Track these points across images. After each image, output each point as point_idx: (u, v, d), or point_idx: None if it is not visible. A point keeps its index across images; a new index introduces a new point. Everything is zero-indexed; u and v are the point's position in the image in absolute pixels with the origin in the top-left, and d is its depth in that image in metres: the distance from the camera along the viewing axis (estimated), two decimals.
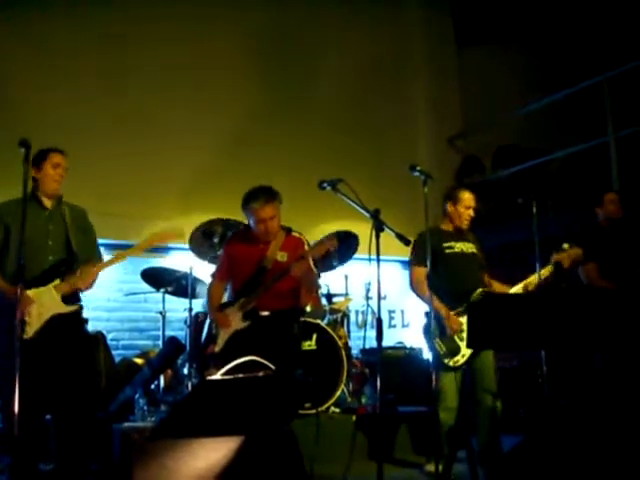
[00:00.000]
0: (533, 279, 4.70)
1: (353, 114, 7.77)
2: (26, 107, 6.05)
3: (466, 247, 4.84)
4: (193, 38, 7.02)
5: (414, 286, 4.82)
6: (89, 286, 4.08)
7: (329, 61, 7.85)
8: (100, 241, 4.35)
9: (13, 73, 6.18)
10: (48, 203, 4.10)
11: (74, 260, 4.05)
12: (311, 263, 4.52)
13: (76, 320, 4.09)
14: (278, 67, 7.54)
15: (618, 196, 5.31)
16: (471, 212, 4.87)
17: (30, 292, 3.84)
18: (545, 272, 4.69)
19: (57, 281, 3.98)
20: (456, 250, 4.80)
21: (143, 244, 4.21)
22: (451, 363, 4.60)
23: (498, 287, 4.86)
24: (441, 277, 4.67)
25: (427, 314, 4.65)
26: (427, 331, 4.64)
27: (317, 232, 4.82)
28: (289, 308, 4.50)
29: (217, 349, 4.42)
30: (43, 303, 3.89)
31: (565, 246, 4.71)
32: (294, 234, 4.57)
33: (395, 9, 8.44)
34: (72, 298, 4.04)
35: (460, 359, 4.60)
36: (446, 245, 4.80)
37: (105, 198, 6.06)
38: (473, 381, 4.66)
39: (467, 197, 4.86)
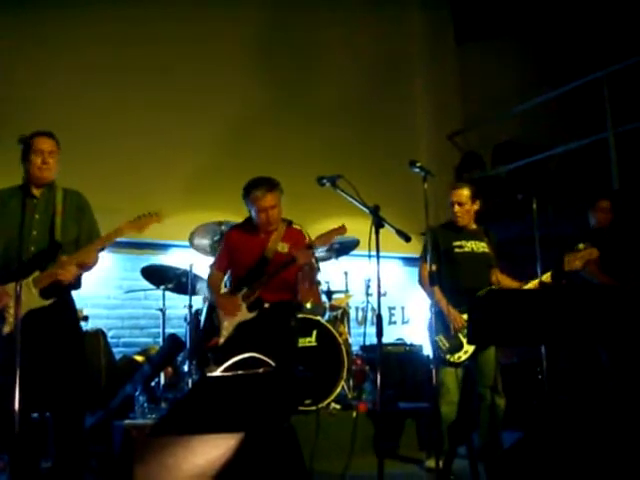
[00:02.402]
0: (536, 283, 4.69)
1: (352, 111, 7.77)
2: (28, 104, 6.04)
3: (477, 246, 4.82)
4: (195, 36, 7.02)
5: (420, 282, 4.84)
6: (71, 277, 3.80)
7: (329, 58, 7.84)
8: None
9: (14, 69, 6.18)
10: (37, 192, 3.90)
11: (57, 250, 3.82)
12: (312, 259, 4.54)
13: (57, 311, 3.82)
14: (279, 65, 7.53)
15: (610, 203, 5.31)
16: (459, 208, 4.78)
17: (8, 286, 3.66)
18: (546, 278, 4.68)
19: (36, 273, 3.77)
20: (466, 249, 4.79)
21: (117, 232, 3.93)
22: (453, 359, 4.60)
23: (507, 283, 4.85)
24: (448, 276, 4.68)
25: (431, 310, 4.65)
26: (431, 327, 4.63)
27: (317, 229, 4.79)
28: (287, 301, 4.52)
29: (222, 340, 4.42)
30: (19, 297, 3.59)
31: (580, 246, 4.68)
32: (295, 226, 4.60)
33: (394, 6, 8.42)
34: (52, 291, 3.79)
35: (462, 355, 4.60)
36: (456, 244, 4.78)
37: (107, 195, 6.04)
38: (475, 377, 4.67)
39: (453, 192, 4.82)
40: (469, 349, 4.58)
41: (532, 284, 4.67)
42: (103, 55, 6.55)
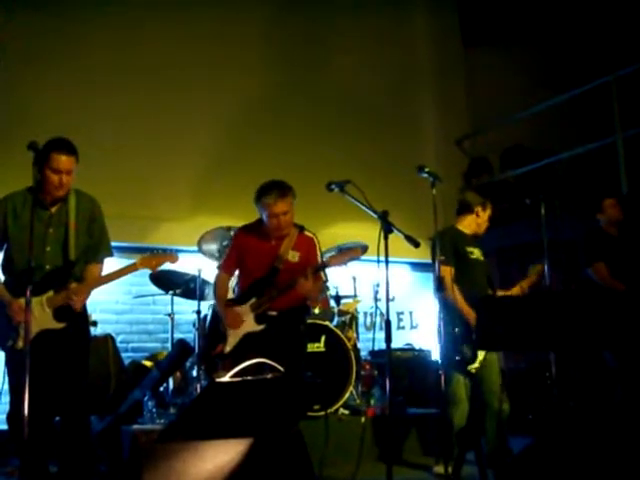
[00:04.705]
0: (517, 290, 4.77)
1: (360, 116, 7.76)
2: (36, 108, 6.07)
3: (480, 254, 4.84)
4: (202, 40, 7.03)
5: (443, 287, 4.52)
6: (81, 304, 3.85)
7: (336, 63, 7.84)
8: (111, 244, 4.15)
9: (22, 74, 6.20)
10: (50, 204, 3.85)
11: (71, 269, 3.83)
12: (321, 273, 4.48)
13: (69, 334, 3.82)
14: (286, 70, 7.53)
15: (616, 200, 5.35)
16: (488, 222, 4.95)
17: (22, 301, 3.58)
18: (525, 284, 4.75)
19: (50, 293, 3.77)
20: (475, 256, 4.79)
21: (131, 268, 3.97)
22: (473, 370, 4.53)
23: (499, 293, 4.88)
24: (462, 281, 4.62)
25: (441, 317, 4.48)
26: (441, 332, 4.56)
27: (325, 234, 4.81)
28: (296, 307, 4.47)
29: (228, 348, 4.39)
30: (33, 314, 3.59)
31: (530, 269, 4.80)
32: (307, 233, 4.51)
33: (401, 11, 8.43)
34: (65, 313, 3.80)
35: (477, 365, 4.54)
36: (468, 250, 4.77)
37: (114, 200, 6.05)
38: (480, 384, 4.62)
39: (491, 207, 4.94)
40: (481, 357, 4.52)
41: (514, 290, 4.77)
42: (107, 59, 6.57)
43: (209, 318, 5.12)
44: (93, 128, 6.21)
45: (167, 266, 6.17)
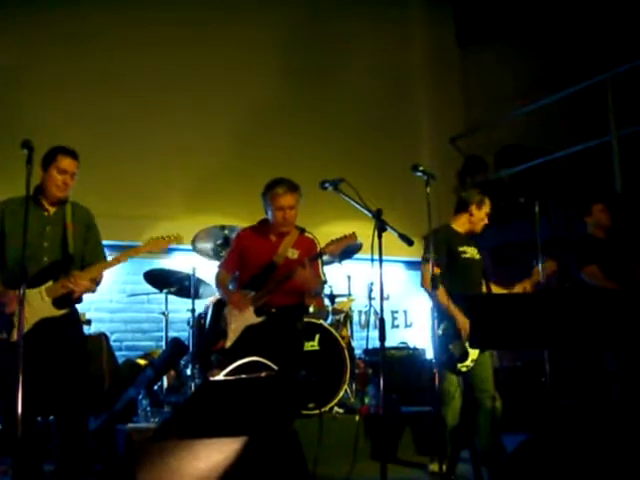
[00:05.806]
0: (519, 289, 4.75)
1: (355, 114, 7.77)
2: (30, 109, 6.06)
3: (474, 252, 4.80)
4: (201, 40, 7.04)
5: (423, 285, 4.59)
6: (83, 290, 3.88)
7: (331, 63, 7.83)
8: (105, 242, 4.17)
9: (17, 75, 6.20)
10: (49, 205, 3.93)
11: (70, 262, 3.86)
12: (319, 269, 4.52)
13: (66, 324, 3.86)
14: (281, 71, 7.53)
15: (605, 205, 5.36)
16: (486, 219, 4.88)
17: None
18: (528, 284, 4.74)
19: (49, 283, 3.81)
20: (468, 255, 4.74)
21: (139, 249, 4.03)
22: (463, 368, 4.49)
23: (496, 290, 4.83)
24: (454, 281, 4.58)
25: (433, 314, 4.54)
26: (440, 331, 4.54)
27: (319, 232, 4.80)
28: (294, 304, 4.52)
29: (229, 343, 4.43)
30: (32, 305, 3.69)
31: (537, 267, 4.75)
32: (307, 235, 4.60)
33: (397, 9, 8.42)
34: (64, 302, 3.84)
35: (470, 364, 4.50)
36: (461, 249, 4.72)
37: (110, 199, 6.07)
38: (472, 383, 4.60)
39: (489, 204, 4.87)
40: (474, 356, 4.50)
41: (516, 289, 4.73)
42: (102, 58, 6.56)
43: (209, 315, 5.14)
44: (91, 127, 6.21)
45: (161, 264, 6.24)
